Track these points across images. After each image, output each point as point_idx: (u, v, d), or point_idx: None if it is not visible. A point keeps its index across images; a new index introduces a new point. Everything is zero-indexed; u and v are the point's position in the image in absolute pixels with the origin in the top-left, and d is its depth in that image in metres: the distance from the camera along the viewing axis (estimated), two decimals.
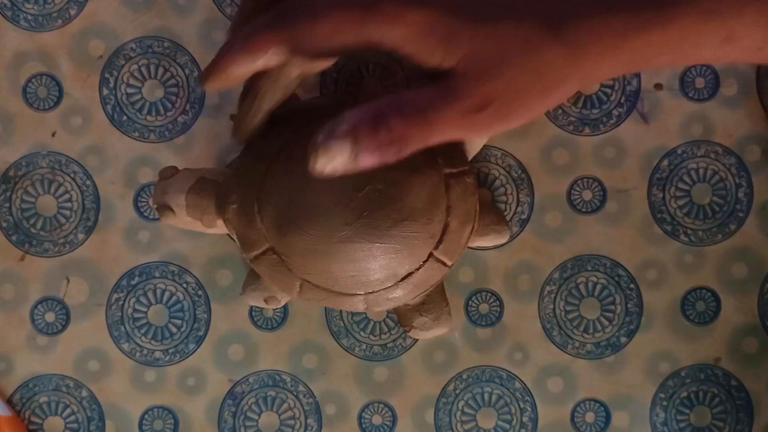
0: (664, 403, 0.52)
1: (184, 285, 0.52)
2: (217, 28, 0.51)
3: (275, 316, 0.52)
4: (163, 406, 0.52)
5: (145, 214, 0.52)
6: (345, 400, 0.52)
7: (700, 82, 0.51)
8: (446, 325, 0.49)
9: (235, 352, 0.52)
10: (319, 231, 0.44)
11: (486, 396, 0.51)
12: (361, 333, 0.51)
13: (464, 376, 0.51)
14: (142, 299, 0.52)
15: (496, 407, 0.51)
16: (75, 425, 0.52)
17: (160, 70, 0.52)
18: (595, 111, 0.51)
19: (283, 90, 0.43)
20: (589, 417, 0.52)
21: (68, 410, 0.52)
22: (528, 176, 0.51)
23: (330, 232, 0.44)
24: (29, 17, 0.52)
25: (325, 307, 0.51)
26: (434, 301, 0.48)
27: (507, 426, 0.51)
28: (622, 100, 0.51)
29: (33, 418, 0.52)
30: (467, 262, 0.51)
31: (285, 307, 0.52)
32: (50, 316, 0.52)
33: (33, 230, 0.52)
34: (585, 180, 0.51)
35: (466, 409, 0.51)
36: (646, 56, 0.39)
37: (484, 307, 0.51)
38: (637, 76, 0.51)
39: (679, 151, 0.51)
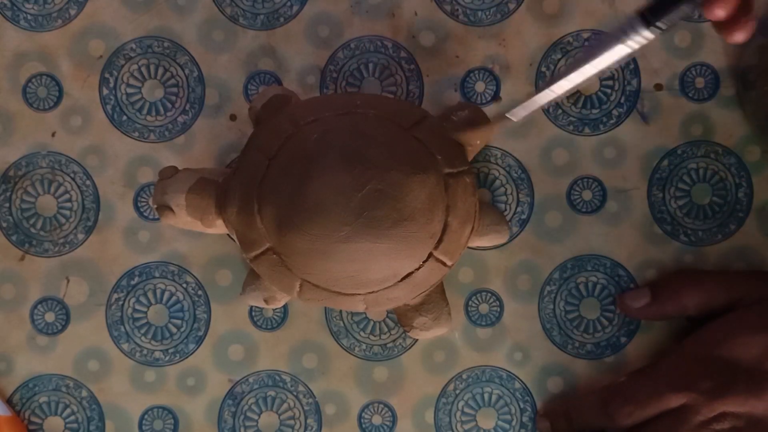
0: None
1: (184, 285, 0.52)
2: (217, 28, 0.51)
3: (275, 316, 0.52)
4: (163, 406, 0.52)
5: (145, 214, 0.52)
6: (345, 400, 0.52)
7: (700, 82, 0.51)
8: (446, 325, 0.49)
9: (235, 352, 0.52)
10: (319, 231, 0.44)
11: (486, 396, 0.51)
12: (361, 333, 0.51)
13: (464, 376, 0.51)
14: (142, 299, 0.52)
15: (496, 407, 0.51)
16: (75, 425, 0.52)
17: (160, 70, 0.52)
18: (595, 111, 0.51)
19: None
20: None
21: (68, 410, 0.52)
22: (528, 176, 0.51)
23: (330, 232, 0.44)
24: (29, 17, 0.52)
25: (325, 307, 0.51)
26: (434, 301, 0.48)
27: (507, 426, 0.51)
28: (622, 100, 0.51)
29: (33, 418, 0.52)
30: (467, 262, 0.51)
31: (285, 307, 0.52)
32: (50, 316, 0.52)
33: (33, 230, 0.52)
34: (585, 180, 0.51)
35: (466, 409, 0.51)
36: None
37: (484, 307, 0.51)
38: (637, 75, 0.51)
39: (679, 151, 0.51)
